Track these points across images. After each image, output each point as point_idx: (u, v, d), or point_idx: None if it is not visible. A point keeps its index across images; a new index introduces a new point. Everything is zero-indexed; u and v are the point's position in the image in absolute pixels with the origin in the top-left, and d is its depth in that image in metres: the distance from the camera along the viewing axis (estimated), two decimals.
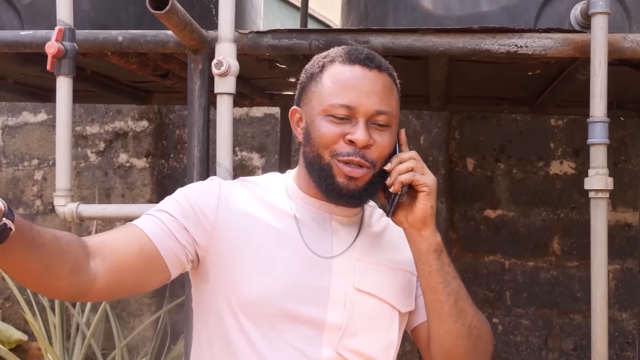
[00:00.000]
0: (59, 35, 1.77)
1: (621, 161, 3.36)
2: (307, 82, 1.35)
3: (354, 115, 1.27)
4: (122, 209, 2.10)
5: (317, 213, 1.34)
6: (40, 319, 3.50)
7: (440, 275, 1.32)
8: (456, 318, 1.32)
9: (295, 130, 1.38)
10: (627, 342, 3.38)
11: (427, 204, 1.29)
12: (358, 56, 1.31)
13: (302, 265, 1.29)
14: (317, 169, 1.29)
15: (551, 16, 1.96)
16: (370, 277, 1.34)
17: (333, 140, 1.27)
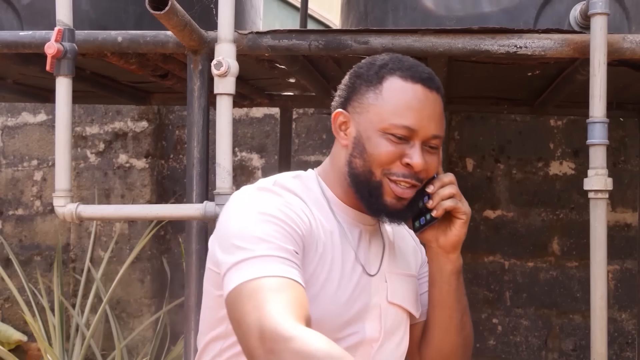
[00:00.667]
0: (59, 35, 1.77)
1: (620, 161, 3.36)
2: (361, 88, 1.31)
3: (412, 137, 1.26)
4: (122, 209, 2.11)
5: (354, 224, 1.34)
6: (39, 319, 3.50)
7: (455, 294, 1.38)
8: (459, 330, 1.40)
9: (338, 134, 1.33)
10: (627, 343, 3.38)
11: (462, 231, 1.33)
12: (421, 74, 1.29)
13: (355, 284, 1.29)
14: (365, 184, 1.28)
15: (550, 17, 1.96)
16: (397, 288, 1.37)
17: (390, 160, 1.26)
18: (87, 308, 3.51)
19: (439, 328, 1.40)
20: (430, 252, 1.38)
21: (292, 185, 1.29)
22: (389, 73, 1.29)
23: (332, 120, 1.35)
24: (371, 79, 1.30)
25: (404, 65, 1.30)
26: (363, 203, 1.29)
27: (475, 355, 3.47)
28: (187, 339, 1.95)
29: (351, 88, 1.33)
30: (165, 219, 3.23)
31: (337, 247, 1.28)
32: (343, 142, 1.32)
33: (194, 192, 1.93)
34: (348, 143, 1.31)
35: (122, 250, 3.70)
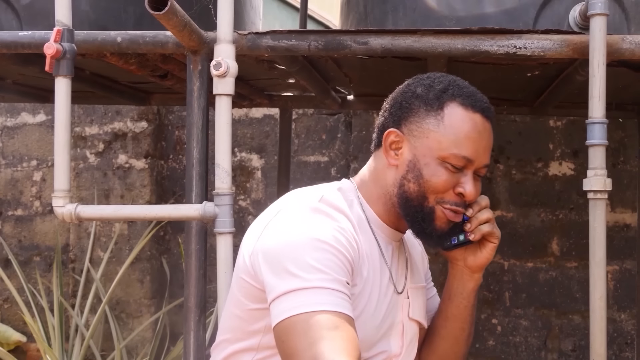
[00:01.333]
0: (58, 36, 1.77)
1: (620, 162, 3.36)
2: (420, 111, 1.29)
3: (468, 167, 1.28)
4: (121, 210, 2.10)
5: (388, 242, 1.35)
6: (39, 320, 3.50)
7: (471, 309, 1.42)
8: (466, 341, 1.45)
9: (388, 152, 1.32)
10: (626, 343, 3.38)
11: (492, 255, 1.37)
12: (481, 104, 1.30)
13: (388, 304, 1.31)
14: (418, 208, 1.27)
15: (550, 17, 1.96)
16: (416, 304, 1.39)
17: (446, 189, 1.27)
18: (87, 308, 3.50)
19: (449, 339, 1.43)
20: (455, 270, 1.40)
21: (339, 203, 1.27)
22: (450, 99, 1.29)
23: (382, 138, 1.32)
24: (431, 103, 1.29)
25: (465, 93, 1.30)
26: (413, 227, 1.30)
27: (475, 355, 3.47)
28: (186, 339, 1.94)
29: (407, 108, 1.31)
30: (165, 220, 3.23)
31: (377, 267, 1.29)
32: (393, 162, 1.31)
33: (194, 192, 1.92)
34: (399, 164, 1.30)
35: (122, 250, 3.70)
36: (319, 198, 1.25)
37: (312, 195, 1.27)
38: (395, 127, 1.31)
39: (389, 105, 1.36)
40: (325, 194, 1.28)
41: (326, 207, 1.23)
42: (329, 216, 1.22)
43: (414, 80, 1.36)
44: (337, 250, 1.16)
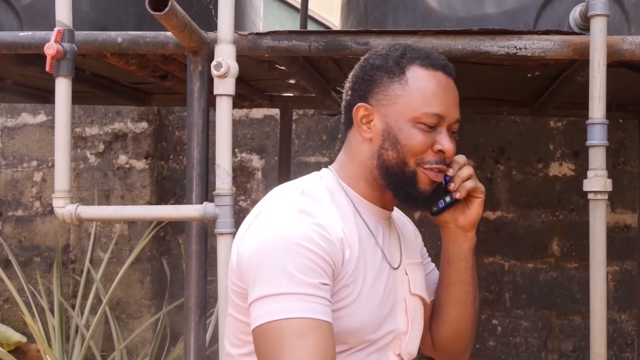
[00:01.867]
0: (58, 36, 1.77)
1: (620, 163, 3.36)
2: (384, 80, 1.31)
3: (440, 124, 1.29)
4: (121, 210, 2.10)
5: (377, 221, 1.34)
6: (39, 320, 3.50)
7: (471, 270, 1.42)
8: (473, 304, 1.44)
9: (360, 127, 1.32)
10: (626, 344, 3.38)
11: (480, 210, 1.37)
12: (439, 62, 1.31)
13: (386, 282, 1.30)
14: (400, 175, 1.28)
15: (550, 18, 1.96)
16: (416, 279, 1.39)
17: (424, 149, 1.27)
18: (87, 309, 3.50)
19: (456, 305, 1.43)
20: (448, 233, 1.41)
21: (320, 195, 1.28)
22: (409, 62, 1.30)
23: (351, 114, 1.33)
24: (393, 69, 1.30)
25: (422, 54, 1.32)
26: (398, 193, 1.30)
27: (475, 356, 3.47)
28: (186, 340, 1.94)
29: (370, 81, 1.32)
30: (165, 220, 3.23)
31: (368, 249, 1.29)
32: (367, 135, 1.31)
33: (194, 193, 1.92)
34: (374, 136, 1.30)
35: (122, 251, 3.70)
36: (298, 194, 1.26)
37: (292, 193, 1.27)
38: (363, 102, 1.32)
39: (351, 83, 1.37)
40: (306, 188, 1.28)
41: (305, 204, 1.23)
42: (306, 213, 1.21)
43: (369, 54, 1.38)
44: (310, 251, 1.16)
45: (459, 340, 1.47)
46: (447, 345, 1.48)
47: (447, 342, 1.48)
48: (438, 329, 1.47)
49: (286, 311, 1.12)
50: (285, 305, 1.12)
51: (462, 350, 1.50)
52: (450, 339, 1.47)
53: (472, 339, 1.50)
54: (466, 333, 1.47)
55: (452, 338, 1.47)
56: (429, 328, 1.48)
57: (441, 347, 1.49)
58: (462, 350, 1.50)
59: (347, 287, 1.22)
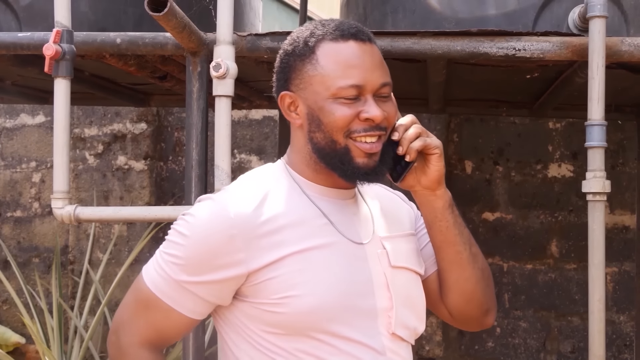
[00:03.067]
0: (57, 37, 1.77)
1: (619, 164, 3.37)
2: (297, 64, 1.30)
3: (362, 93, 1.26)
4: (120, 211, 2.11)
5: (333, 202, 1.32)
6: (38, 321, 3.49)
7: (456, 228, 1.37)
8: (473, 264, 1.39)
9: (289, 116, 1.33)
10: (625, 345, 3.38)
11: (440, 165, 1.32)
12: (349, 30, 1.29)
13: (346, 262, 1.27)
14: (333, 154, 1.27)
15: (549, 19, 1.96)
16: (398, 251, 1.35)
17: (348, 122, 1.25)
18: (86, 310, 3.50)
19: (453, 268, 1.39)
20: (418, 197, 1.37)
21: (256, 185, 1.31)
22: (318, 40, 1.28)
23: (279, 105, 1.34)
24: (303, 52, 1.29)
25: (330, 28, 1.30)
26: (337, 172, 1.28)
27: (474, 357, 3.47)
28: (185, 341, 1.94)
29: (286, 68, 1.32)
30: (164, 221, 3.23)
31: (316, 230, 1.27)
32: (297, 122, 1.32)
33: (193, 193, 1.93)
34: (303, 122, 1.30)
35: (121, 252, 3.70)
36: (229, 189, 1.32)
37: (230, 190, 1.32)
38: (285, 90, 1.32)
39: (274, 75, 1.37)
40: (234, 187, 1.33)
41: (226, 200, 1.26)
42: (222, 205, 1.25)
43: (284, 42, 1.36)
44: (202, 247, 1.22)
45: (471, 304, 1.41)
46: (462, 312, 1.43)
47: (460, 308, 1.42)
48: (446, 296, 1.42)
49: (152, 282, 1.25)
50: (156, 276, 1.25)
51: (481, 314, 1.43)
52: (462, 304, 1.41)
53: (487, 301, 1.43)
54: (475, 295, 1.40)
55: (463, 303, 1.41)
56: (441, 299, 1.44)
57: (458, 315, 1.44)
58: (481, 314, 1.43)
59: (292, 273, 1.21)
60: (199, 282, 1.22)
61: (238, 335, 1.26)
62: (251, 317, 1.24)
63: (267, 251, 1.21)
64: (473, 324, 1.48)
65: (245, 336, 1.25)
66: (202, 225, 1.23)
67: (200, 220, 1.24)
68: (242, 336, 1.25)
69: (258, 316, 1.23)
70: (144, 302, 1.26)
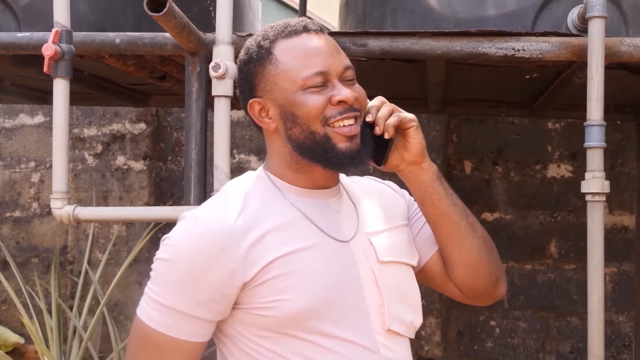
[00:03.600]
0: (56, 37, 1.77)
1: (618, 164, 3.37)
2: (257, 69, 1.30)
3: (328, 79, 1.26)
4: (120, 211, 2.10)
5: (317, 202, 1.32)
6: (37, 321, 3.49)
7: (448, 199, 1.38)
8: (472, 233, 1.39)
9: (261, 121, 1.32)
10: (624, 345, 3.38)
11: (420, 137, 1.34)
12: (298, 25, 1.30)
13: (332, 261, 1.27)
14: (314, 146, 1.26)
15: (548, 20, 1.96)
16: (387, 245, 1.35)
17: (322, 108, 1.25)
18: (85, 310, 3.50)
19: (453, 240, 1.39)
20: (405, 175, 1.38)
21: (224, 204, 1.27)
22: (271, 41, 1.29)
23: (250, 114, 1.33)
24: (260, 56, 1.30)
25: (279, 27, 1.31)
26: (322, 163, 1.28)
27: (473, 357, 3.47)
28: None
29: (248, 77, 1.32)
30: (163, 221, 3.22)
31: (300, 232, 1.26)
32: (271, 125, 1.30)
33: (192, 194, 1.92)
34: (277, 124, 1.30)
35: (120, 252, 3.70)
36: (208, 208, 1.28)
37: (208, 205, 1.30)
38: (252, 98, 1.32)
39: (237, 87, 1.38)
40: (221, 193, 1.33)
41: (206, 214, 1.25)
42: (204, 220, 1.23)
43: (238, 57, 1.38)
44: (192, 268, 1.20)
45: (479, 275, 1.41)
46: (471, 286, 1.42)
47: (468, 282, 1.42)
48: (453, 272, 1.42)
49: (153, 320, 1.21)
50: (154, 314, 1.21)
51: (490, 285, 1.43)
52: (469, 277, 1.41)
53: (496, 271, 1.44)
54: (481, 265, 1.41)
55: (470, 276, 1.41)
56: (448, 277, 1.43)
57: (468, 289, 1.44)
58: (490, 285, 1.43)
59: (272, 279, 1.21)
60: (198, 303, 1.19)
61: (233, 345, 1.26)
62: (244, 323, 1.23)
63: (256, 258, 1.20)
64: (485, 297, 1.47)
65: (239, 344, 1.25)
66: (187, 244, 1.21)
67: (185, 240, 1.21)
68: (237, 344, 1.25)
69: (250, 321, 1.22)
70: (151, 344, 1.22)
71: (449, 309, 3.45)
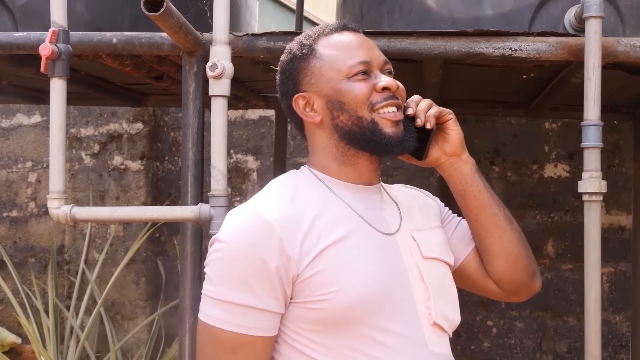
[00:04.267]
0: (53, 37, 1.77)
1: (615, 164, 3.37)
2: (301, 65, 1.34)
3: (370, 69, 1.31)
4: (116, 211, 2.10)
5: (362, 198, 1.34)
6: (34, 321, 3.49)
7: (487, 191, 1.44)
8: (510, 225, 1.43)
9: (306, 115, 1.34)
10: (621, 345, 3.39)
11: (458, 128, 1.41)
12: (339, 24, 1.36)
13: (380, 253, 1.28)
14: (362, 131, 1.30)
15: (545, 20, 1.96)
16: (429, 243, 1.37)
17: (368, 94, 1.30)
18: (82, 310, 3.50)
19: (494, 232, 1.42)
20: (445, 169, 1.43)
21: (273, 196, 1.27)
22: (314, 40, 1.35)
23: (295, 110, 1.35)
24: (304, 54, 1.35)
25: (320, 28, 1.37)
26: (370, 149, 1.31)
27: (470, 357, 3.47)
28: (181, 341, 1.94)
29: (292, 74, 1.36)
30: (160, 221, 3.22)
31: (346, 222, 1.27)
32: (317, 119, 1.33)
33: (189, 194, 1.92)
34: (322, 116, 1.32)
35: (117, 252, 3.69)
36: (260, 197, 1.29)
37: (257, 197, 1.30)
38: (296, 93, 1.35)
39: (279, 88, 1.40)
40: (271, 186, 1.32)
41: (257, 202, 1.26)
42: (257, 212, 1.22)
43: (280, 61, 1.42)
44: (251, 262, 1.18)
45: (517, 267, 1.43)
46: (510, 279, 1.44)
47: (507, 275, 1.43)
48: (492, 266, 1.43)
49: (223, 321, 1.19)
50: (223, 314, 1.19)
51: (528, 277, 1.45)
52: (509, 269, 1.43)
53: (532, 263, 1.45)
54: (519, 256, 1.43)
55: (509, 268, 1.43)
56: (486, 273, 1.45)
57: (506, 283, 1.45)
58: (528, 277, 1.45)
59: (324, 270, 1.20)
60: (266, 294, 1.18)
61: (281, 340, 1.24)
62: (292, 317, 1.22)
63: (308, 250, 1.21)
64: (523, 291, 1.48)
65: (287, 339, 1.24)
66: (244, 238, 1.19)
67: (241, 235, 1.20)
68: (285, 340, 1.24)
69: (300, 315, 1.22)
70: (226, 346, 1.19)
71: None
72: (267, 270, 1.17)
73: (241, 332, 1.18)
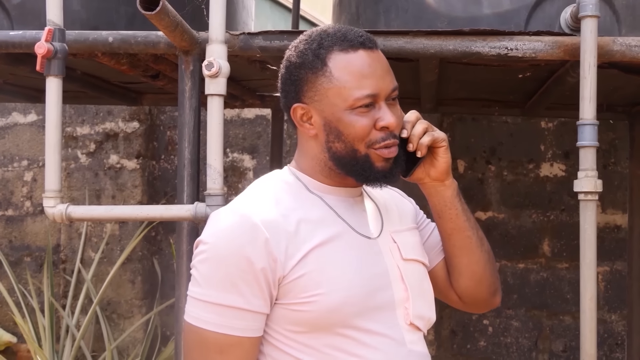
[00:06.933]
0: (49, 35, 1.76)
1: (611, 163, 3.38)
2: (308, 77, 1.30)
3: (377, 101, 1.29)
4: (112, 210, 2.10)
5: (342, 200, 1.35)
6: (29, 320, 3.48)
7: (464, 214, 1.44)
8: (481, 247, 1.46)
9: (302, 126, 1.33)
10: (616, 344, 3.40)
11: (448, 157, 1.39)
12: (357, 39, 1.30)
13: (363, 256, 1.30)
14: (353, 162, 1.29)
15: (541, 19, 1.96)
16: (408, 245, 1.39)
17: (368, 131, 1.28)
18: (78, 309, 3.49)
19: (463, 253, 1.44)
20: (427, 189, 1.43)
21: (269, 192, 1.29)
22: (328, 51, 1.29)
23: (291, 116, 1.34)
24: (314, 64, 1.30)
25: (338, 38, 1.31)
26: (357, 179, 1.31)
27: (466, 356, 3.48)
28: (177, 340, 1.94)
29: (297, 81, 1.32)
30: (156, 220, 3.23)
31: (331, 228, 1.28)
32: (312, 132, 1.32)
33: (185, 193, 1.92)
34: (318, 132, 1.31)
35: (113, 251, 3.69)
36: (245, 197, 1.29)
37: (241, 197, 1.31)
38: (297, 102, 1.33)
39: (281, 85, 1.37)
40: (255, 188, 1.33)
41: (242, 203, 1.26)
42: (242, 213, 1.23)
43: (289, 52, 1.36)
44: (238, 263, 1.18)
45: (481, 286, 1.47)
46: (473, 295, 1.48)
47: (471, 292, 1.48)
48: (457, 282, 1.47)
49: (210, 323, 1.19)
50: (210, 316, 1.19)
51: (489, 294, 1.49)
52: (472, 287, 1.47)
53: (495, 282, 1.50)
54: (484, 276, 1.47)
55: (473, 286, 1.47)
56: (450, 285, 1.49)
57: (468, 298, 1.49)
58: (489, 294, 1.49)
59: (309, 273, 1.22)
60: (252, 295, 1.19)
61: (264, 341, 1.25)
62: (276, 318, 1.23)
63: (293, 250, 1.22)
64: (482, 305, 1.53)
65: (271, 340, 1.25)
66: (230, 238, 1.20)
67: (226, 235, 1.20)
68: (268, 341, 1.25)
69: (284, 316, 1.23)
70: (213, 347, 1.20)
71: (442, 307, 3.46)
72: (254, 270, 1.18)
73: (229, 333, 1.19)
